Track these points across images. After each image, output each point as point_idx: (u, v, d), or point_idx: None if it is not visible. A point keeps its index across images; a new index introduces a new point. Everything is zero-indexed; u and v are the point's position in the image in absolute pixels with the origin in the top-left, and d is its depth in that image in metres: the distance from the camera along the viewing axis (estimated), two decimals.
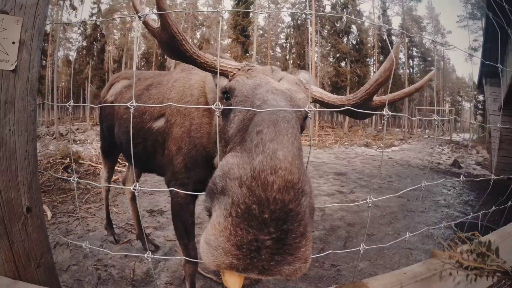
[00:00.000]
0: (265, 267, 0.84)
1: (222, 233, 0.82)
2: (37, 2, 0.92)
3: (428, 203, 7.50)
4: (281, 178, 0.80)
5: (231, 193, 0.84)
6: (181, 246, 2.66)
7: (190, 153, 2.36)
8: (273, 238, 0.81)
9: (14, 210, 0.92)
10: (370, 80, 1.39)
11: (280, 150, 0.84)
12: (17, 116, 0.91)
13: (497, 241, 1.42)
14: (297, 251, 0.84)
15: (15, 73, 0.90)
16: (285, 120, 0.96)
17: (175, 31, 1.34)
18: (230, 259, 0.82)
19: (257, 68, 1.52)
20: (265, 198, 0.80)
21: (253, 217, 0.80)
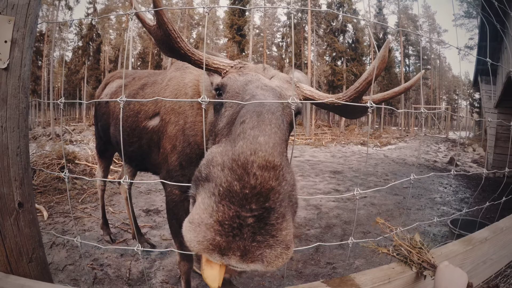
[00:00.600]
0: (247, 249, 0.83)
1: (206, 210, 0.83)
2: (29, 1, 0.94)
3: (424, 200, 7.54)
4: (261, 158, 0.83)
5: (214, 177, 0.86)
6: (176, 244, 2.67)
7: (185, 151, 2.38)
8: (254, 215, 0.82)
9: (6, 206, 0.93)
10: (359, 78, 1.40)
11: (261, 136, 0.87)
12: (9, 113, 0.93)
13: (489, 237, 1.44)
14: (278, 233, 0.85)
15: (7, 71, 0.92)
16: (270, 111, 0.98)
17: (170, 29, 1.36)
18: (212, 235, 0.82)
19: (249, 66, 1.55)
20: (245, 173, 0.82)
21: (234, 193, 0.81)
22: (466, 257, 1.27)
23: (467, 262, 1.28)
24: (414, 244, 1.35)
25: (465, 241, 1.34)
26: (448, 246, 1.28)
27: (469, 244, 1.31)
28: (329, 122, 44.37)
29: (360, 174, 10.67)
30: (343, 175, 10.34)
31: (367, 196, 7.40)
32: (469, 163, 15.00)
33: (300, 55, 41.19)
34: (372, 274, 1.02)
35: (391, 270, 1.06)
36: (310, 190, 8.14)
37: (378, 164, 13.34)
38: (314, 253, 4.31)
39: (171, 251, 4.15)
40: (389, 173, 11.13)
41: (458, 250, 1.24)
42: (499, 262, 1.63)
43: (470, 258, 1.30)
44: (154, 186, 7.54)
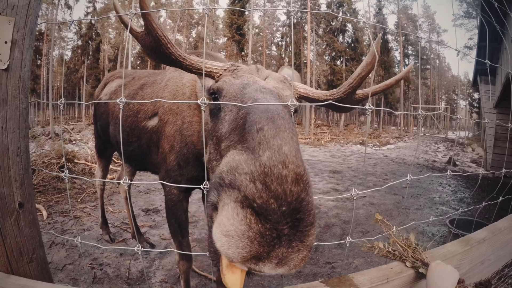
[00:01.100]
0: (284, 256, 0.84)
1: (242, 222, 0.82)
2: (29, 2, 0.94)
3: (423, 200, 7.56)
4: (292, 172, 0.83)
5: (242, 186, 0.85)
6: (175, 243, 2.67)
7: (182, 151, 2.38)
8: (289, 226, 0.83)
9: (6, 206, 0.94)
10: (353, 74, 1.41)
11: (284, 145, 0.87)
12: (9, 114, 0.93)
13: (487, 237, 1.45)
14: (306, 239, 0.86)
15: (7, 72, 0.92)
16: (281, 116, 0.99)
17: (160, 35, 1.33)
18: (256, 247, 0.82)
19: (242, 67, 1.53)
20: (282, 191, 0.82)
21: (272, 211, 0.81)
22: (463, 257, 1.27)
23: (464, 263, 1.29)
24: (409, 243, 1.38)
25: (463, 242, 1.34)
26: (446, 246, 1.28)
27: (467, 245, 1.31)
28: (328, 121, 44.39)
29: (359, 174, 10.68)
30: (342, 175, 10.35)
31: (366, 196, 7.41)
32: (468, 163, 15.02)
33: (300, 54, 41.18)
34: (370, 274, 1.02)
35: (389, 270, 1.06)
36: None
37: (377, 163, 13.35)
38: (313, 253, 4.32)
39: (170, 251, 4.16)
40: (388, 172, 11.14)
41: (456, 251, 1.24)
42: (497, 262, 1.64)
43: (468, 258, 1.30)
44: (153, 186, 7.54)
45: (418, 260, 1.22)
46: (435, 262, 1.19)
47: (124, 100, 1.07)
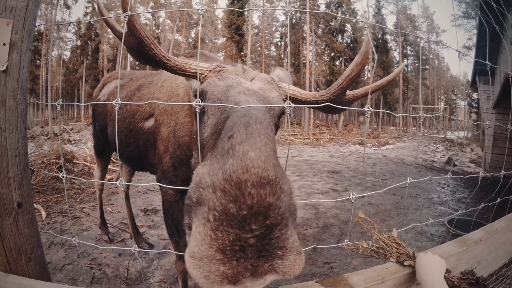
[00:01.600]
0: (255, 266, 0.81)
1: (204, 241, 0.80)
2: (27, 4, 0.95)
3: (422, 200, 7.57)
4: (254, 175, 0.79)
5: (206, 200, 0.83)
6: (172, 243, 2.69)
7: (176, 152, 2.37)
8: (256, 235, 0.79)
9: (5, 206, 0.95)
10: (342, 75, 1.39)
11: (251, 151, 0.83)
12: (7, 115, 0.94)
13: (484, 237, 1.45)
14: (286, 242, 0.83)
15: (6, 73, 0.93)
16: (258, 121, 0.93)
17: (143, 35, 1.29)
18: (216, 266, 0.79)
19: (228, 68, 1.50)
20: (240, 194, 0.78)
21: (231, 216, 0.78)
22: (460, 257, 1.28)
23: (461, 263, 1.29)
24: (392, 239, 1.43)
25: (460, 242, 1.35)
26: (442, 246, 1.29)
27: (463, 245, 1.32)
28: (328, 122, 44.40)
29: (358, 174, 10.69)
30: (341, 175, 10.36)
31: (364, 196, 7.42)
32: (467, 163, 15.03)
33: (299, 54, 41.22)
34: (365, 274, 1.03)
35: (384, 270, 1.07)
36: (308, 190, 8.15)
37: (376, 164, 13.35)
38: (311, 253, 4.33)
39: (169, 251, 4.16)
40: (387, 173, 11.15)
41: (452, 251, 1.25)
42: (494, 263, 1.64)
43: (464, 258, 1.31)
44: (152, 186, 7.55)
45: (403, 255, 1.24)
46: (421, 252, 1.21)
47: (119, 102, 1.07)
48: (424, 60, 50.99)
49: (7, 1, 0.92)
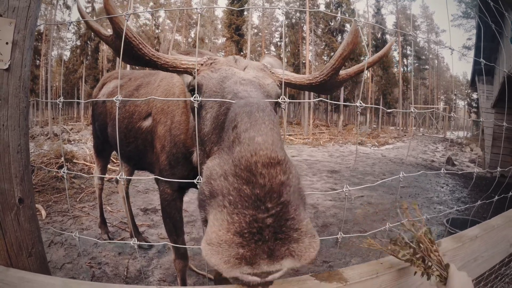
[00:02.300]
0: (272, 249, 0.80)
1: (221, 226, 0.80)
2: (29, 4, 0.97)
3: (420, 200, 7.59)
4: (263, 156, 0.80)
5: (218, 190, 0.84)
6: (170, 242, 2.70)
7: (172, 151, 2.38)
8: (272, 214, 0.79)
9: (7, 201, 0.97)
10: (334, 55, 1.39)
11: (258, 136, 0.84)
12: (10, 112, 0.96)
13: (480, 234, 1.47)
14: (301, 224, 0.82)
15: (8, 71, 0.95)
16: (260, 109, 0.93)
17: (130, 36, 1.29)
18: (235, 250, 0.79)
19: (220, 60, 1.51)
20: (252, 175, 0.79)
21: (246, 197, 0.79)
22: (455, 254, 1.29)
23: (457, 259, 1.30)
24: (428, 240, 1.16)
25: (455, 238, 1.36)
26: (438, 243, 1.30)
27: (458, 241, 1.33)
28: (327, 121, 44.42)
29: (357, 174, 10.71)
30: (340, 175, 10.37)
31: (364, 196, 7.44)
32: (467, 163, 15.06)
33: (299, 54, 41.20)
34: (360, 269, 1.04)
35: (379, 265, 1.08)
36: (307, 189, 8.17)
37: (375, 163, 13.37)
38: None
39: (168, 249, 4.18)
40: (386, 172, 11.17)
41: (447, 247, 1.25)
42: (491, 260, 1.66)
43: (460, 255, 1.32)
44: (152, 185, 7.57)
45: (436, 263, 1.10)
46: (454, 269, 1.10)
47: (120, 98, 1.08)
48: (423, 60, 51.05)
49: (10, 1, 0.94)
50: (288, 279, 0.97)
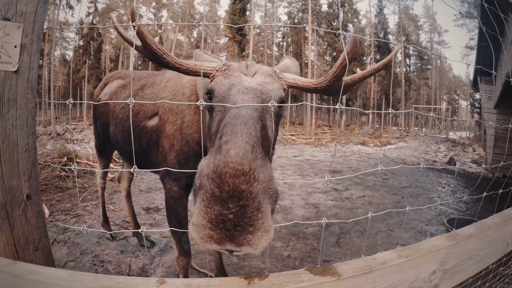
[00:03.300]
0: (232, 236, 1.05)
1: (200, 213, 1.07)
2: (36, 9, 1.01)
3: (422, 200, 7.61)
4: (231, 169, 1.06)
5: (203, 185, 1.10)
6: (174, 239, 2.74)
7: (183, 149, 2.44)
8: (232, 212, 1.04)
9: (15, 197, 1.01)
10: (335, 63, 1.51)
11: (232, 149, 1.10)
12: (18, 112, 1.01)
13: (475, 233, 1.49)
14: (255, 222, 1.06)
15: (17, 73, 1.00)
16: (243, 122, 1.21)
17: (155, 49, 1.52)
18: (207, 231, 1.05)
19: (233, 66, 1.66)
20: (221, 182, 1.05)
21: (216, 197, 1.05)
22: (449, 251, 1.31)
23: (451, 257, 1.33)
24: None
25: (450, 236, 1.38)
26: (432, 240, 1.32)
27: (453, 239, 1.35)
28: (329, 122, 44.42)
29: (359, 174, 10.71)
30: (341, 175, 10.40)
31: (365, 196, 7.47)
32: (469, 163, 15.05)
33: (301, 54, 41.22)
34: (354, 264, 1.08)
35: (372, 261, 1.11)
36: (309, 189, 8.20)
37: (377, 164, 13.37)
38: (311, 251, 4.38)
39: (170, 248, 4.23)
40: (388, 172, 11.19)
41: (441, 245, 1.28)
42: (488, 259, 1.68)
43: (454, 253, 1.34)
44: (154, 185, 7.62)
45: None
46: None
47: (133, 101, 1.21)
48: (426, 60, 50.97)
49: (18, 6, 0.99)
50: (283, 273, 1.04)
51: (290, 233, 4.96)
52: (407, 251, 1.23)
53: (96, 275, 0.93)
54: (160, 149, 2.68)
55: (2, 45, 0.97)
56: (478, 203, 7.01)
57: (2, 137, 0.99)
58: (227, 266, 3.79)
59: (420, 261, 1.21)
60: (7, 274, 0.93)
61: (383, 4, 46.25)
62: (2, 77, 0.99)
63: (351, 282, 1.04)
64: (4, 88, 0.99)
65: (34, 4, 1.03)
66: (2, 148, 0.99)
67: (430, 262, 1.24)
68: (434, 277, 1.27)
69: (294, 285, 0.98)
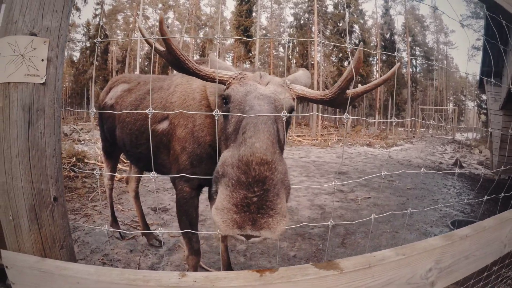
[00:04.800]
0: (255, 219, 1.20)
1: (225, 198, 1.20)
2: (60, 24, 1.10)
3: (427, 201, 7.63)
4: (257, 158, 1.21)
5: (227, 173, 1.24)
6: (184, 239, 2.81)
7: (195, 151, 2.54)
8: (257, 195, 1.19)
9: (43, 199, 1.10)
10: (341, 77, 1.63)
11: (257, 142, 1.26)
12: (46, 121, 1.09)
13: (470, 234, 1.55)
14: (275, 206, 1.21)
15: (44, 85, 1.08)
16: (263, 122, 1.36)
17: (179, 54, 1.63)
18: (231, 215, 1.19)
19: (248, 76, 1.83)
20: (248, 169, 1.20)
21: (242, 182, 1.20)
22: (445, 251, 1.37)
23: (447, 256, 1.39)
24: None
25: (446, 237, 1.45)
26: (428, 240, 1.39)
27: (449, 240, 1.41)
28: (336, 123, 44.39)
29: (364, 175, 10.76)
30: (347, 176, 10.44)
31: (371, 197, 7.51)
32: (475, 165, 15.02)
33: (307, 55, 41.26)
34: (355, 260, 1.16)
35: (372, 257, 1.19)
36: (315, 190, 8.25)
37: (383, 165, 13.40)
38: (316, 252, 4.44)
39: (178, 247, 4.31)
40: (394, 174, 11.20)
41: (436, 244, 1.34)
42: (484, 259, 1.73)
43: (450, 252, 1.41)
44: (162, 185, 7.72)
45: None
46: None
47: (152, 111, 1.31)
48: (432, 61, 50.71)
49: (43, 22, 1.09)
50: (291, 267, 1.14)
51: (296, 234, 5.02)
52: (404, 250, 1.30)
53: (121, 269, 1.02)
54: (171, 152, 2.76)
55: (30, 59, 1.06)
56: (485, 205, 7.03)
57: (32, 144, 1.08)
58: (234, 265, 3.87)
59: (416, 258, 1.28)
60: (37, 270, 1.02)
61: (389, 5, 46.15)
62: (31, 89, 1.08)
63: (352, 276, 1.14)
64: (33, 99, 1.07)
65: (58, 19, 1.12)
66: (32, 154, 1.08)
67: (426, 260, 1.31)
68: (431, 275, 1.35)
69: (301, 278, 1.07)
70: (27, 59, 1.06)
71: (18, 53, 1.06)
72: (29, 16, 1.08)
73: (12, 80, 1.06)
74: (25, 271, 1.04)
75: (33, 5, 1.07)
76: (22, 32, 1.07)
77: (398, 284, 1.24)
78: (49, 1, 1.09)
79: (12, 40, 1.06)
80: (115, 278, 0.99)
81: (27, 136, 1.07)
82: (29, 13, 1.07)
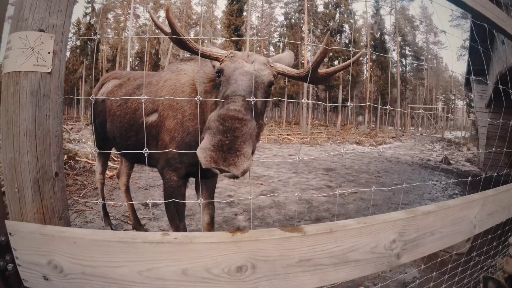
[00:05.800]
0: (226, 157, 1.61)
1: (207, 141, 1.63)
2: (64, 22, 1.28)
3: (412, 196, 7.83)
4: (230, 115, 1.66)
5: (210, 125, 1.67)
6: (172, 227, 2.92)
7: (184, 140, 2.70)
8: (228, 139, 1.62)
9: (46, 174, 1.25)
10: (313, 58, 1.97)
11: (232, 106, 1.72)
12: (51, 106, 1.26)
13: (433, 210, 1.66)
14: (241, 149, 1.63)
15: (50, 74, 1.24)
16: (239, 94, 1.81)
17: (182, 36, 1.97)
18: (210, 152, 1.60)
19: (238, 54, 2.18)
20: (224, 122, 1.65)
21: (219, 131, 1.63)
22: (407, 224, 1.50)
23: (410, 229, 1.53)
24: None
25: (408, 211, 1.57)
26: (390, 213, 1.52)
27: (411, 213, 1.54)
28: (326, 121, 44.67)
29: (352, 172, 10.95)
30: (335, 172, 10.62)
31: (357, 192, 7.68)
32: (463, 162, 15.31)
33: (297, 55, 41.43)
34: (317, 226, 1.30)
35: (334, 224, 1.33)
36: (303, 186, 8.42)
37: (371, 162, 13.62)
38: None
39: None
40: (381, 170, 11.43)
41: (398, 217, 1.48)
42: (453, 237, 1.85)
43: (413, 226, 1.54)
44: (152, 182, 7.83)
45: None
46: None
47: (145, 97, 1.48)
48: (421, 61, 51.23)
49: (50, 20, 1.26)
50: (260, 230, 1.27)
51: (283, 226, 5.16)
52: (366, 219, 1.45)
53: (114, 231, 1.19)
54: (159, 143, 2.89)
55: (38, 52, 1.23)
56: None
57: (38, 125, 1.25)
58: None
59: (377, 228, 1.42)
60: (38, 234, 1.18)
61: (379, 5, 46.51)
62: (39, 77, 1.24)
63: (315, 239, 1.28)
64: (40, 86, 1.24)
65: (62, 18, 1.30)
66: (38, 133, 1.24)
67: (388, 231, 1.45)
68: (395, 246, 1.48)
69: (268, 237, 1.23)
70: (36, 51, 1.23)
71: (28, 46, 1.23)
72: (38, 15, 1.25)
73: (22, 69, 1.23)
74: (27, 236, 1.19)
75: (41, 5, 1.25)
76: (32, 28, 1.25)
77: (362, 252, 1.38)
78: (55, 2, 1.27)
79: (23, 35, 1.24)
80: (108, 237, 1.16)
81: (34, 117, 1.24)
82: (38, 12, 1.25)
